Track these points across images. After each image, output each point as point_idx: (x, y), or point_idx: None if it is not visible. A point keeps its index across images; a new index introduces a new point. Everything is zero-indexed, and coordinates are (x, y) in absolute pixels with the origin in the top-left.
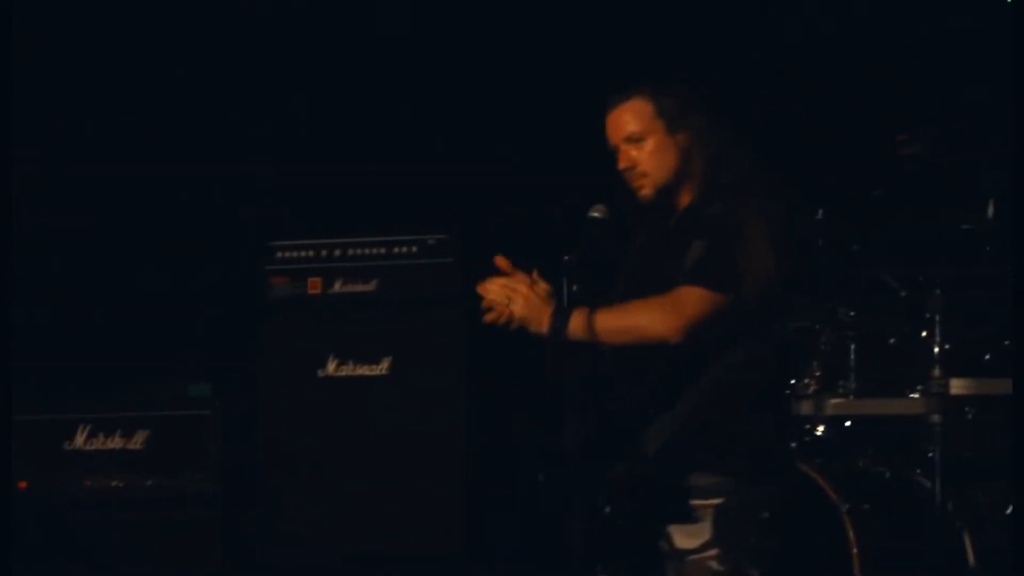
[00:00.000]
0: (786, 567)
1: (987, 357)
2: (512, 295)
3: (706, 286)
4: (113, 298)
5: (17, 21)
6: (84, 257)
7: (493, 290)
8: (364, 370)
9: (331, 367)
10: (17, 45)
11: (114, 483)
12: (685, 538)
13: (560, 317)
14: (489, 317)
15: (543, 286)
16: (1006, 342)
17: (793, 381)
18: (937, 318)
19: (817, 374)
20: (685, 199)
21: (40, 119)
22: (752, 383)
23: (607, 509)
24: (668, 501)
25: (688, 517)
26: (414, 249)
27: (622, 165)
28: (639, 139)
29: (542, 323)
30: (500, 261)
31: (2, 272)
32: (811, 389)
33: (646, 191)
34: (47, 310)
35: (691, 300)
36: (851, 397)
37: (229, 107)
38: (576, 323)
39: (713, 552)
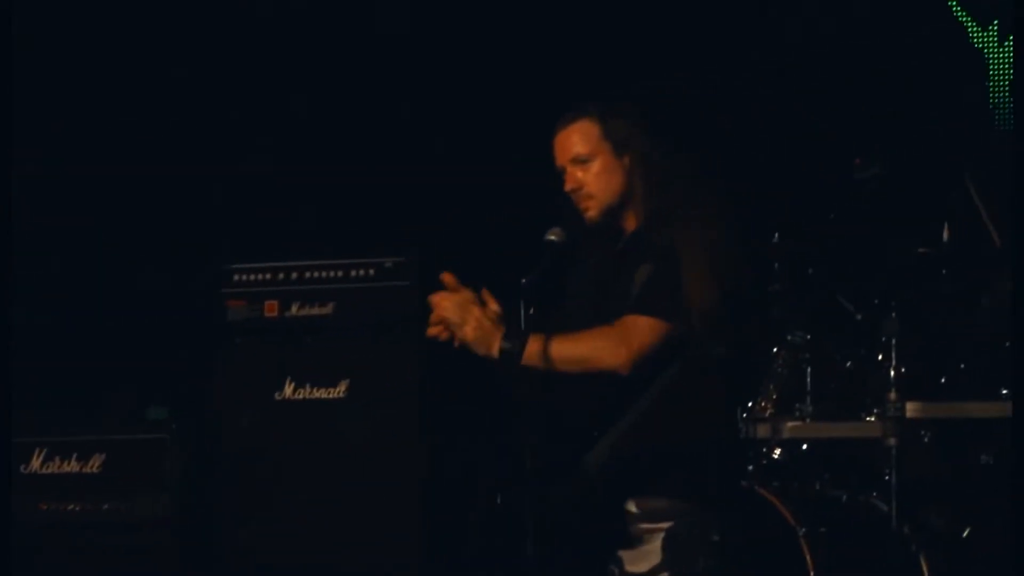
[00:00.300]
0: None
1: (943, 380)
2: (466, 316)
3: (653, 315)
4: (69, 322)
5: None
6: (40, 281)
7: (447, 308)
8: (321, 393)
9: (288, 390)
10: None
11: (70, 507)
12: (635, 562)
13: (512, 342)
14: (432, 332)
15: (493, 308)
16: (961, 365)
17: (750, 404)
18: (893, 341)
19: (774, 397)
20: (631, 222)
21: None
22: (697, 407)
23: (555, 533)
24: (616, 525)
25: (636, 541)
26: (371, 272)
27: (568, 187)
28: (585, 160)
29: (491, 347)
30: (447, 278)
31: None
32: (767, 412)
33: (592, 213)
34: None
35: (639, 330)
36: (807, 420)
37: (190, 130)
38: (530, 350)
39: None
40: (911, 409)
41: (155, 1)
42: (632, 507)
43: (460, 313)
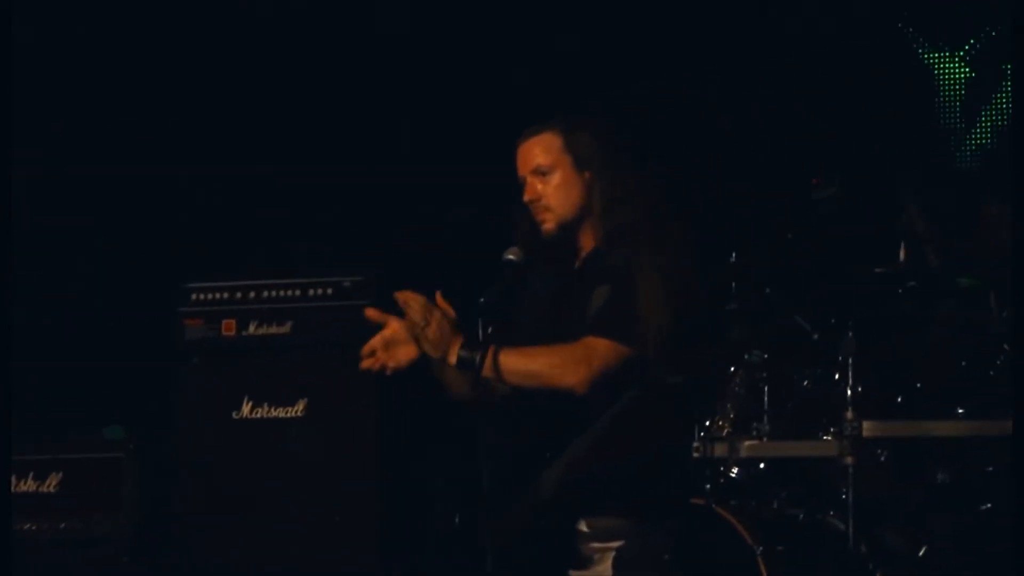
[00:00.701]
0: None
1: (899, 399)
2: (429, 317)
3: (612, 338)
4: (26, 341)
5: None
6: None
7: (414, 306)
8: (280, 412)
9: (246, 409)
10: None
11: (27, 526)
12: None
13: (471, 352)
14: (366, 364)
15: (451, 313)
16: (918, 384)
17: (707, 423)
18: (850, 361)
19: (731, 416)
20: (588, 239)
21: None
22: (650, 431)
23: (509, 553)
24: (567, 545)
25: (587, 561)
26: (329, 291)
27: (527, 197)
28: (546, 172)
29: (450, 352)
30: (403, 296)
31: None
32: (725, 431)
33: (549, 225)
34: None
35: (598, 351)
36: (765, 439)
37: (146, 149)
38: (488, 361)
39: None
40: (868, 428)
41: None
42: (583, 527)
43: (424, 313)
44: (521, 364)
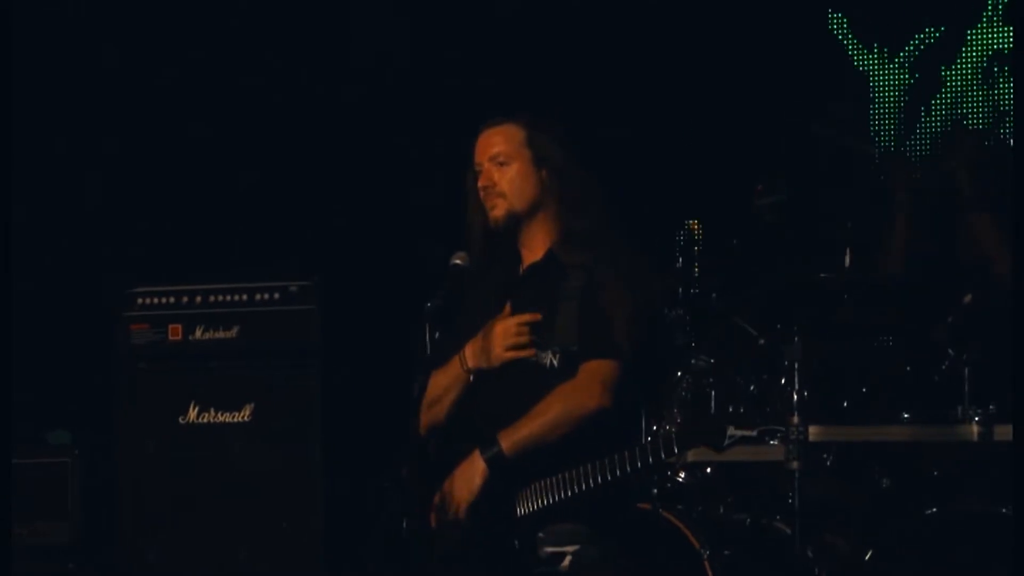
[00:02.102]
0: None
1: (845, 404)
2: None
3: (605, 357)
4: None
5: None
6: None
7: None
8: (226, 417)
9: (192, 414)
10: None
11: None
12: None
13: (490, 450)
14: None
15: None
16: (863, 389)
17: (654, 427)
18: (796, 365)
19: (677, 421)
20: (540, 239)
21: None
22: (604, 434)
23: (462, 557)
24: (523, 549)
25: (543, 565)
26: (276, 296)
27: (482, 183)
28: (504, 162)
29: (478, 471)
30: None
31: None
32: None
33: (498, 212)
34: None
35: (601, 369)
36: None
37: (90, 153)
38: (509, 444)
39: None
40: (813, 433)
41: None
42: (539, 531)
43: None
44: (537, 427)
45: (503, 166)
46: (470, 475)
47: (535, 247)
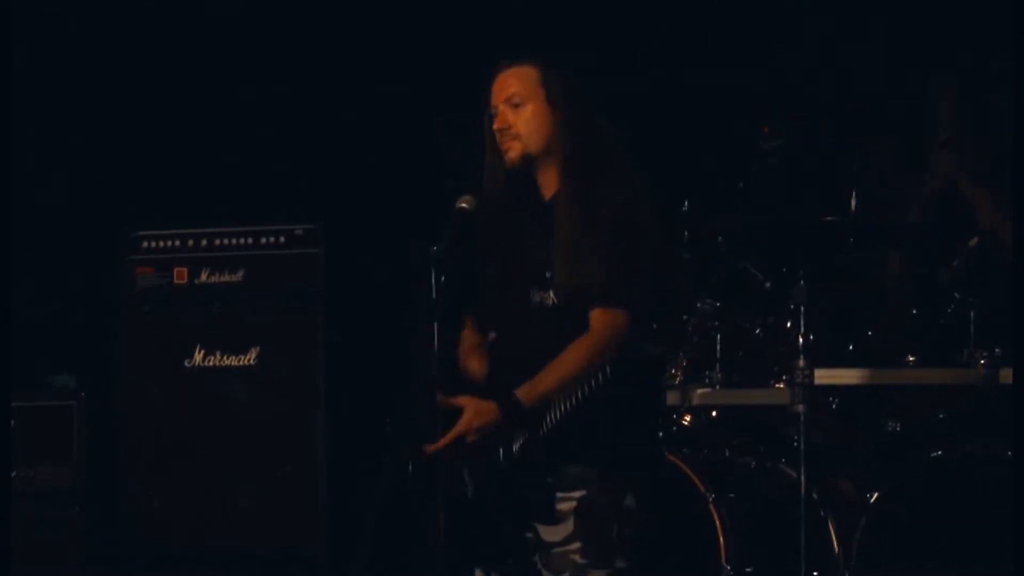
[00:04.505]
0: (653, 555)
1: (850, 347)
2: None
3: (620, 307)
4: None
5: None
6: None
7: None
8: (232, 360)
9: (198, 357)
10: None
11: None
12: (550, 530)
13: (507, 406)
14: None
15: (478, 411)
16: (869, 332)
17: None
18: (801, 309)
19: (683, 364)
20: (550, 179)
21: None
22: (625, 395)
23: (474, 498)
24: (532, 493)
25: (551, 510)
26: (281, 239)
27: (497, 125)
28: (519, 104)
29: (494, 417)
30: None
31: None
32: (677, 380)
33: (513, 154)
34: None
35: (616, 323)
36: (717, 387)
37: (94, 97)
38: (527, 397)
39: (575, 545)
40: (819, 376)
41: None
42: (548, 476)
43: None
44: (555, 380)
45: (518, 108)
46: (483, 420)
47: (549, 188)
